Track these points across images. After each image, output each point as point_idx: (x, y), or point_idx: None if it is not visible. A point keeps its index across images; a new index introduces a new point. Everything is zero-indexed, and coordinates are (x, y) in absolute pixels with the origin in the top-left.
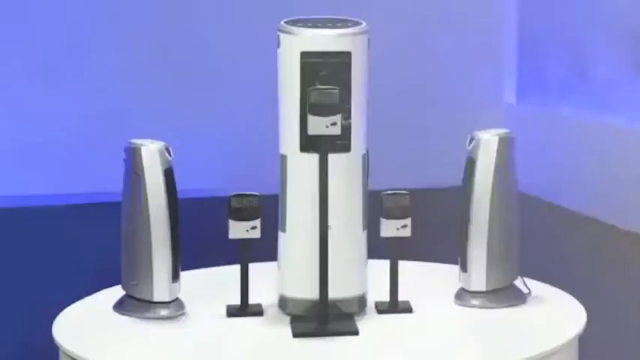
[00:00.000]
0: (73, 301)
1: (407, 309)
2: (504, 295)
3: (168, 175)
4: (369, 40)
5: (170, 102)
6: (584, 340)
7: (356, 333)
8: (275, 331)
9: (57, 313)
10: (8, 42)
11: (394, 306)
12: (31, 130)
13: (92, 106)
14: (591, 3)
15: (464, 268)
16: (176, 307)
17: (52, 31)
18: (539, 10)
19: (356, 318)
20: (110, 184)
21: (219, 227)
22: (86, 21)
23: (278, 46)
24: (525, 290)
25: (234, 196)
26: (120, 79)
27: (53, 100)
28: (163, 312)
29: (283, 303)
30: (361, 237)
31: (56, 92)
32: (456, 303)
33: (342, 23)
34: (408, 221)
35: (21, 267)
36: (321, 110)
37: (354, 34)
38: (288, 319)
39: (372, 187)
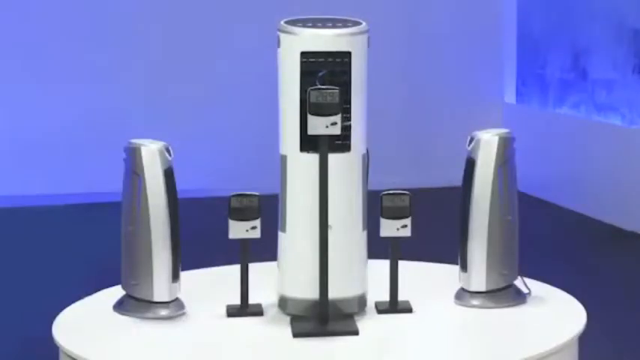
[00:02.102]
0: (73, 301)
1: (407, 309)
2: (504, 295)
3: (168, 175)
4: (369, 39)
5: (170, 102)
6: (584, 340)
7: (356, 333)
8: (275, 331)
9: (57, 313)
10: (8, 43)
11: (394, 306)
12: (30, 130)
13: (92, 107)
14: (591, 3)
15: (464, 268)
16: (176, 307)
17: (52, 32)
18: (538, 11)
19: (356, 318)
20: (110, 184)
21: (219, 227)
22: (87, 22)
23: (278, 45)
24: (525, 290)
25: (234, 195)
26: (119, 79)
27: (52, 100)
28: (163, 312)
29: (283, 303)
30: (361, 237)
31: (55, 92)
32: (456, 303)
33: (342, 23)
34: (407, 221)
35: (20, 267)
36: (321, 110)
37: (353, 33)
38: (288, 319)
39: (371, 187)
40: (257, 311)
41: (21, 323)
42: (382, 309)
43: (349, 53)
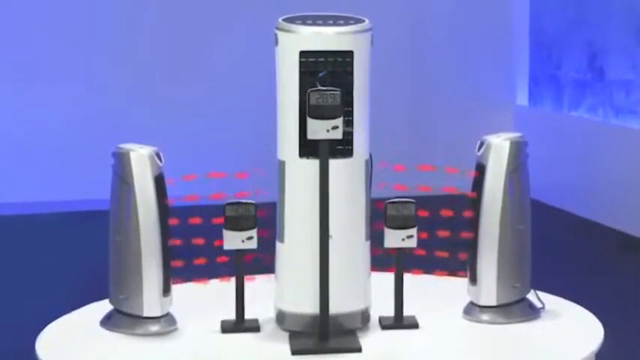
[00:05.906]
0: (58, 316)
1: (412, 324)
2: (516, 309)
3: (159, 182)
4: (372, 38)
5: (162, 104)
6: (601, 358)
7: (358, 350)
8: (272, 348)
9: (40, 329)
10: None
11: (399, 321)
12: (18, 133)
13: (80, 110)
14: (605, 3)
15: (473, 281)
16: (167, 322)
17: (42, 33)
18: (552, 8)
19: (358, 334)
20: (99, 191)
21: (214, 237)
22: (79, 22)
23: (276, 44)
24: (539, 304)
25: (229, 204)
26: (111, 81)
27: (41, 103)
28: (154, 328)
29: (281, 318)
30: (364, 247)
31: (44, 94)
32: (464, 318)
33: (344, 21)
34: (413, 231)
35: (3, 277)
36: (322, 113)
37: (356, 32)
38: (286, 335)
39: (375, 194)
40: (253, 327)
41: (4, 336)
42: (386, 324)
43: (351, 52)
